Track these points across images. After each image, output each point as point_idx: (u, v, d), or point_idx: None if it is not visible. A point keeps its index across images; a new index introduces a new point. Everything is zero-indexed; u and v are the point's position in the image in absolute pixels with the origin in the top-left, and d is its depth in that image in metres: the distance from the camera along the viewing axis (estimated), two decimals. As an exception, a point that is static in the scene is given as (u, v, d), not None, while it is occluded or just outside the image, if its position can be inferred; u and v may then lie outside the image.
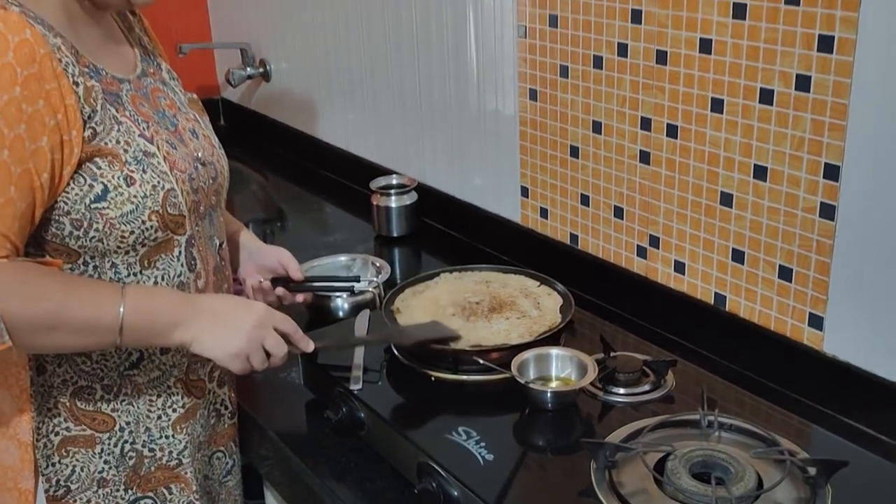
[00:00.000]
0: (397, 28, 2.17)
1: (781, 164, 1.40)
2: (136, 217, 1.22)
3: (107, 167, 1.20)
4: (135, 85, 1.30)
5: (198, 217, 1.33)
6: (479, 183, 2.05)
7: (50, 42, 1.15)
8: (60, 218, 1.19)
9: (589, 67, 1.68)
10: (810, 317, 1.42)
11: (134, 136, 1.23)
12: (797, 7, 1.31)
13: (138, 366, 1.31)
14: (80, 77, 1.18)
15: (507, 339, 1.45)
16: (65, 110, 1.15)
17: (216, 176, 1.39)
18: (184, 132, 1.34)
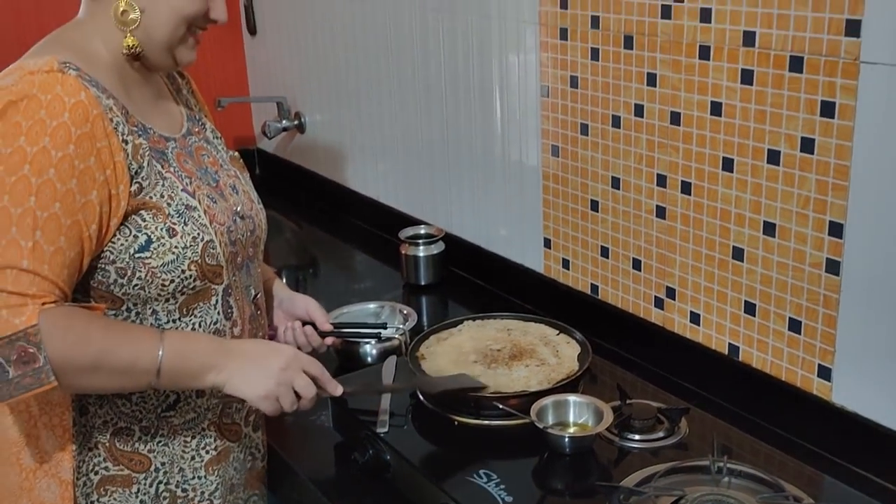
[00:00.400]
0: (426, 85, 2.27)
1: (789, 221, 1.47)
2: (176, 266, 1.30)
3: (151, 219, 1.29)
4: (180, 143, 1.40)
5: (235, 268, 1.41)
6: (504, 234, 2.13)
7: (102, 103, 1.25)
8: (106, 266, 1.27)
9: (608, 126, 1.77)
10: (819, 368, 1.48)
11: (177, 191, 1.32)
12: (800, 74, 1.39)
13: (175, 408, 1.37)
14: (129, 135, 1.27)
15: (526, 386, 1.52)
16: (114, 166, 1.24)
17: (254, 229, 1.47)
18: (224, 188, 1.43)
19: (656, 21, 1.61)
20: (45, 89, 1.20)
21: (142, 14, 1.31)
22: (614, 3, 1.68)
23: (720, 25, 1.50)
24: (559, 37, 1.82)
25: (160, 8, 1.32)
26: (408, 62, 2.32)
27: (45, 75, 1.22)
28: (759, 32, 1.44)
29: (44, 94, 1.20)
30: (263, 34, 3.03)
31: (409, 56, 2.30)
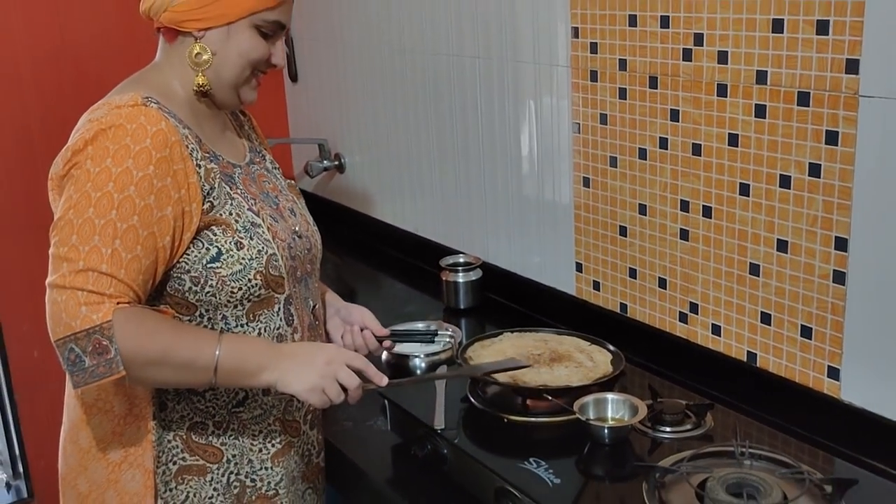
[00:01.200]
0: (464, 124, 2.47)
1: (799, 238, 1.65)
2: (243, 276, 1.46)
3: (221, 234, 1.45)
4: (245, 170, 1.57)
5: (295, 280, 1.57)
6: (538, 260, 2.31)
7: (180, 132, 1.42)
8: (182, 276, 1.44)
9: (635, 158, 1.96)
10: (829, 369, 1.65)
11: (243, 210, 1.49)
12: (807, 108, 1.58)
13: (244, 404, 1.52)
14: (203, 160, 1.45)
15: (569, 382, 1.70)
16: (188, 187, 1.41)
17: (311, 248, 1.64)
18: (284, 210, 1.60)
19: (678, 63, 1.80)
20: (131, 119, 1.38)
21: (213, 56, 1.48)
22: (640, 48, 1.88)
23: (735, 66, 1.69)
24: (589, 79, 2.02)
25: (230, 52, 1.48)
26: (446, 105, 2.52)
27: (131, 108, 1.40)
28: (770, 72, 1.63)
29: (129, 123, 1.38)
30: (305, 81, 3.24)
31: (447, 99, 2.51)
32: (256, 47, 1.49)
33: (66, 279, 1.33)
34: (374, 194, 3.00)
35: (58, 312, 1.33)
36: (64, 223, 1.36)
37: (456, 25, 2.40)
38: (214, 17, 1.46)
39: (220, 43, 1.48)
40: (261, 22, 1.48)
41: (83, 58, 2.91)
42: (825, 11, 1.52)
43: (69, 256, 1.34)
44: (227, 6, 1.46)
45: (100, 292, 1.33)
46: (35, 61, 2.84)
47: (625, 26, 1.90)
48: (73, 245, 1.34)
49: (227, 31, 1.47)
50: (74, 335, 1.32)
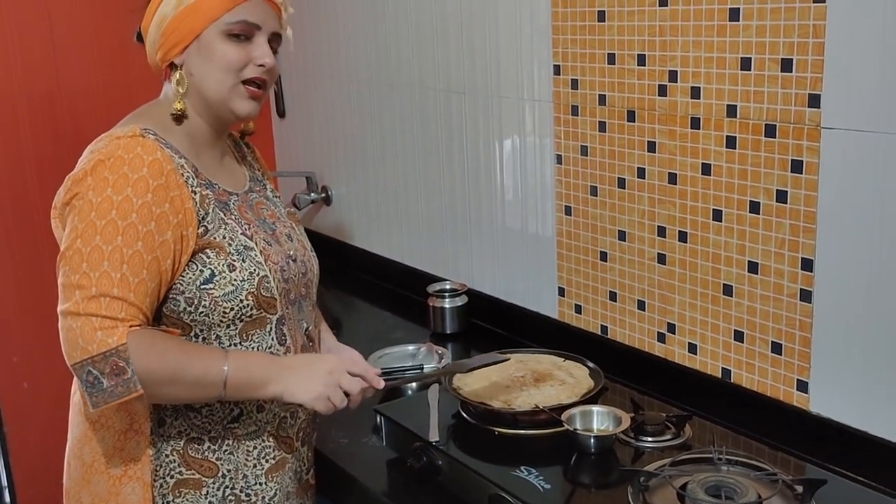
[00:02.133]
0: (450, 156, 2.58)
1: (769, 260, 1.77)
2: (235, 296, 1.52)
3: (214, 256, 1.52)
4: (242, 198, 1.64)
5: (288, 302, 1.63)
6: (522, 286, 2.42)
7: (175, 161, 1.49)
8: (177, 297, 1.50)
9: (614, 187, 2.08)
10: (798, 382, 1.76)
11: (237, 234, 1.55)
12: (774, 139, 1.71)
13: (238, 420, 1.58)
14: (198, 188, 1.52)
15: (559, 400, 1.80)
16: (184, 212, 1.48)
17: (306, 272, 1.70)
18: (280, 236, 1.67)
19: (654, 98, 1.93)
20: (128, 150, 1.46)
21: (192, 77, 1.54)
22: (618, 84, 2.01)
23: (708, 101, 1.82)
24: (570, 113, 2.14)
25: (206, 66, 1.53)
26: (432, 138, 2.63)
27: (129, 139, 1.47)
28: (740, 106, 1.76)
29: (127, 153, 1.45)
30: (292, 116, 3.35)
31: (433, 132, 2.62)
32: (228, 52, 1.52)
33: (80, 306, 1.40)
34: (361, 226, 3.10)
35: (74, 338, 1.40)
36: (73, 252, 1.43)
37: (443, 61, 2.52)
38: (185, 36, 1.52)
39: (197, 61, 1.54)
40: (228, 26, 1.52)
41: (78, 98, 2.99)
42: (789, 50, 1.65)
43: (81, 283, 1.41)
44: (191, 21, 1.51)
45: (113, 317, 1.40)
46: (31, 101, 2.92)
47: (604, 64, 2.03)
48: (84, 272, 1.41)
49: (198, 47, 1.53)
50: (92, 359, 1.39)
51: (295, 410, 1.65)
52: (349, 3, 2.89)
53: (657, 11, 1.88)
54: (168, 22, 1.54)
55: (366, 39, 2.84)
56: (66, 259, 1.44)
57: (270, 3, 1.57)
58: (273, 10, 1.58)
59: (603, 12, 2.00)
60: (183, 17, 1.52)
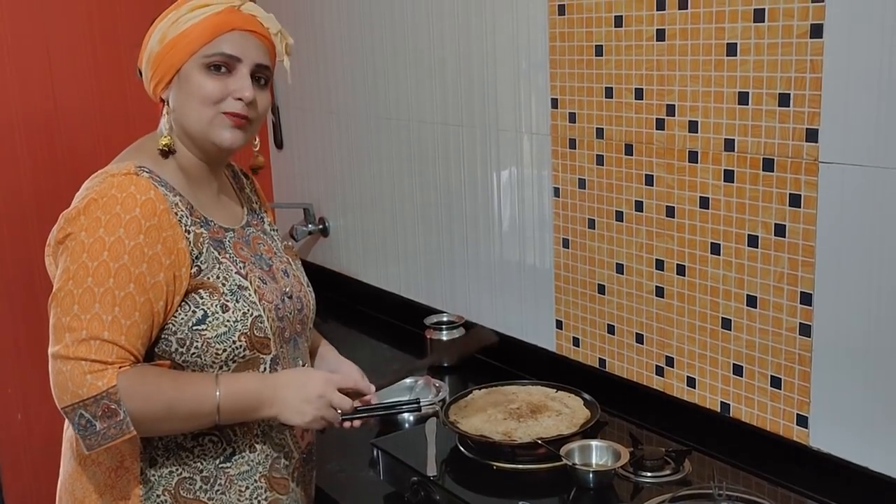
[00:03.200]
0: (447, 188, 2.58)
1: (767, 293, 1.77)
2: (227, 338, 1.50)
3: (207, 297, 1.50)
4: (238, 233, 1.62)
5: (283, 341, 1.61)
6: (519, 318, 2.41)
7: (169, 200, 1.48)
8: (169, 337, 1.49)
9: (612, 220, 2.08)
10: (798, 417, 1.75)
11: (231, 273, 1.53)
12: (772, 173, 1.71)
13: (231, 459, 1.55)
14: (192, 226, 1.50)
15: (559, 431, 1.79)
16: (177, 252, 1.46)
17: (302, 308, 1.68)
18: (276, 272, 1.64)
19: (652, 132, 1.94)
20: (121, 188, 1.44)
21: (174, 113, 1.54)
22: (616, 118, 2.02)
23: (705, 134, 1.83)
24: (568, 146, 2.15)
25: (185, 100, 1.52)
26: (430, 170, 2.63)
27: (123, 177, 1.46)
28: (738, 140, 1.77)
29: (120, 192, 1.44)
30: (290, 147, 3.36)
31: (431, 165, 2.62)
32: (204, 84, 1.51)
33: (70, 349, 1.39)
34: (359, 257, 3.10)
35: (63, 382, 1.39)
36: (64, 294, 1.42)
37: (441, 95, 2.53)
38: (167, 71, 1.53)
39: (178, 95, 1.53)
40: (206, 59, 1.51)
41: (75, 124, 3.00)
42: (786, 85, 1.66)
43: (71, 326, 1.40)
44: (172, 56, 1.52)
45: (102, 360, 1.39)
46: (28, 127, 2.93)
47: (602, 98, 2.03)
48: (74, 314, 1.40)
49: (178, 81, 1.53)
50: (83, 402, 1.38)
51: (289, 451, 1.63)
52: (348, 37, 2.91)
53: (654, 46, 1.89)
54: (154, 57, 1.54)
55: (364, 73, 2.85)
56: (58, 300, 1.43)
57: (256, 34, 1.55)
58: (260, 41, 1.56)
59: (601, 47, 2.01)
60: (166, 51, 1.52)
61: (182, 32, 1.52)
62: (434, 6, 2.49)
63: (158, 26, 1.55)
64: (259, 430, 1.57)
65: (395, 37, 2.68)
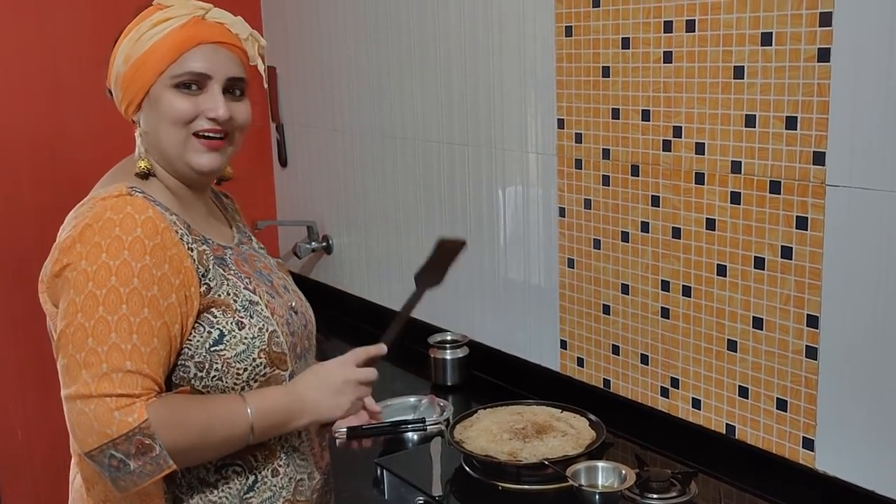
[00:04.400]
0: (452, 207, 2.59)
1: (773, 315, 1.77)
2: (247, 356, 1.43)
3: (221, 315, 1.43)
4: (235, 251, 1.55)
5: (296, 356, 1.54)
6: (523, 338, 2.41)
7: (167, 218, 1.41)
8: (186, 362, 1.41)
9: (618, 241, 2.08)
10: (803, 440, 1.75)
11: (240, 289, 1.46)
12: (778, 195, 1.72)
13: (254, 489, 1.48)
14: (194, 244, 1.43)
15: (565, 452, 1.79)
16: (184, 271, 1.39)
17: (306, 323, 1.64)
18: (278, 287, 1.60)
19: (658, 153, 1.94)
20: (117, 210, 1.36)
21: (148, 135, 1.47)
22: (622, 139, 2.02)
23: (712, 157, 1.83)
24: (574, 166, 2.16)
25: (157, 121, 1.46)
26: (434, 189, 2.64)
27: (116, 199, 1.38)
28: (744, 162, 1.77)
29: (116, 214, 1.36)
30: (294, 165, 3.36)
31: (435, 183, 2.63)
32: (175, 104, 1.45)
33: (90, 386, 1.30)
34: (362, 275, 3.10)
35: (87, 423, 1.30)
36: (74, 329, 1.33)
37: (446, 114, 2.54)
38: (136, 93, 1.46)
39: (149, 117, 1.47)
40: (176, 79, 1.45)
41: (78, 141, 3.01)
42: (794, 108, 1.67)
43: (88, 361, 1.31)
44: (140, 76, 1.45)
45: (129, 394, 1.31)
46: (31, 143, 2.94)
47: (608, 118, 2.04)
48: (90, 348, 1.31)
49: (149, 103, 1.46)
50: (113, 441, 1.30)
51: (311, 472, 1.58)
52: (354, 55, 2.91)
53: (661, 68, 1.90)
54: (121, 78, 1.48)
55: (370, 92, 2.86)
56: (67, 337, 1.33)
57: (225, 45, 1.49)
58: (230, 51, 1.49)
59: (607, 68, 2.02)
60: (133, 72, 1.46)
61: (147, 51, 1.45)
62: (441, 25, 2.51)
63: (122, 45, 1.48)
64: (282, 453, 1.52)
65: (402, 55, 2.69)
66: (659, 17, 1.89)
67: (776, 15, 1.67)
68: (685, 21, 1.84)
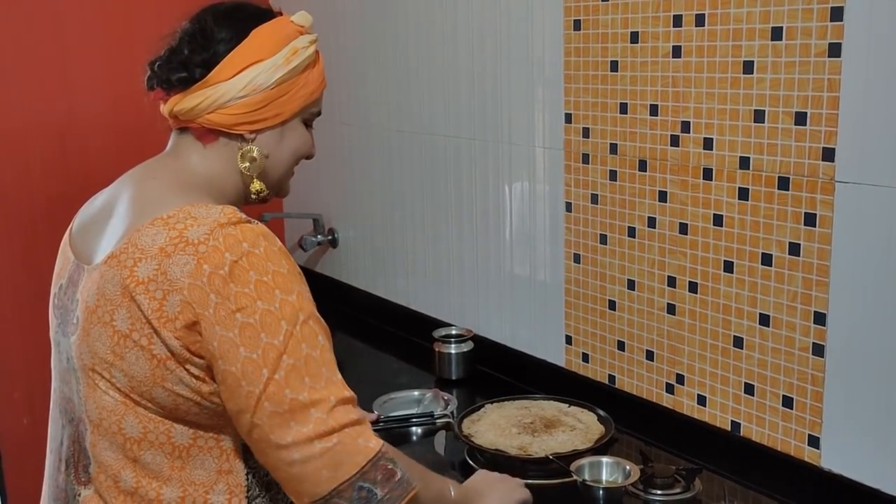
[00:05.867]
0: (458, 201, 2.58)
1: (780, 312, 1.76)
2: None
3: None
4: None
5: None
6: (528, 333, 2.41)
7: None
8: None
9: (624, 236, 2.08)
10: (809, 437, 1.74)
11: None
12: (787, 191, 1.71)
13: None
14: None
15: (574, 446, 1.79)
16: None
17: None
18: None
19: (667, 148, 1.94)
20: (254, 242, 1.25)
21: (266, 159, 1.42)
22: (630, 134, 2.01)
23: (720, 152, 1.82)
24: (581, 161, 2.15)
25: (283, 151, 1.43)
26: (441, 183, 2.64)
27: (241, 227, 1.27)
28: (753, 158, 1.76)
29: (255, 247, 1.25)
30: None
31: (441, 177, 2.63)
32: (306, 141, 1.48)
33: (328, 422, 1.23)
34: (367, 269, 3.09)
35: (335, 458, 1.23)
36: (287, 371, 1.23)
37: (453, 108, 2.53)
38: (270, 118, 1.41)
39: (274, 143, 1.43)
40: (309, 115, 1.48)
41: (88, 133, 3.01)
42: (803, 104, 1.66)
43: (314, 399, 1.23)
44: (281, 105, 1.41)
45: (360, 421, 1.26)
46: (42, 134, 2.94)
47: (616, 113, 2.03)
48: (310, 387, 1.24)
49: (280, 131, 1.43)
50: (361, 471, 1.24)
51: None
52: (360, 50, 2.91)
53: (670, 62, 1.89)
54: (261, 93, 1.39)
55: (377, 85, 2.85)
56: (279, 383, 1.23)
57: None
58: None
59: (616, 62, 2.01)
60: (278, 94, 1.40)
61: (299, 78, 1.43)
62: (448, 19, 2.50)
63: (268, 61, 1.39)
64: None
65: (409, 49, 2.68)
66: (668, 10, 1.88)
67: (786, 9, 1.66)
68: (695, 15, 1.83)
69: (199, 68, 1.38)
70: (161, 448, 1.31)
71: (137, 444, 1.31)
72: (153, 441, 1.31)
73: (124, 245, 1.29)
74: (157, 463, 1.31)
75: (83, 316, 1.32)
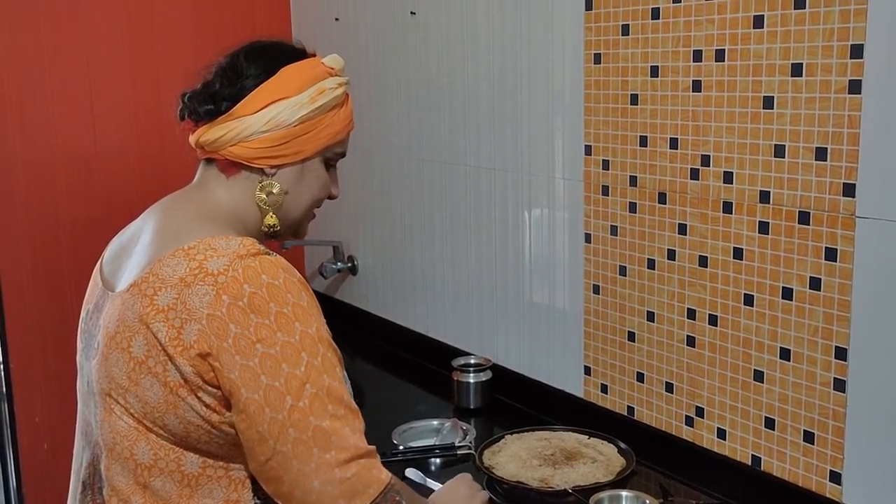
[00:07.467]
0: (478, 231, 2.59)
1: (801, 347, 1.75)
2: None
3: None
4: None
5: None
6: (547, 363, 2.41)
7: None
8: None
9: (644, 268, 2.08)
10: (831, 473, 1.73)
11: None
12: (808, 226, 1.71)
13: None
14: None
15: (597, 479, 1.79)
16: None
17: None
18: None
19: (686, 181, 1.94)
20: (273, 274, 1.27)
21: (285, 196, 1.43)
22: (650, 166, 2.02)
23: (740, 186, 1.83)
24: (601, 193, 2.16)
25: (302, 189, 1.45)
26: (461, 212, 2.65)
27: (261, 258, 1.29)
28: (773, 192, 1.76)
29: (274, 279, 1.27)
30: (321, 186, 3.38)
31: (462, 207, 2.64)
32: (327, 182, 1.48)
33: (348, 450, 1.26)
34: (387, 296, 3.10)
35: (352, 487, 1.26)
36: (310, 400, 1.25)
37: (474, 139, 2.54)
38: (291, 155, 1.41)
39: (294, 180, 1.44)
40: (331, 155, 1.48)
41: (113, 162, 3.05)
42: (823, 139, 1.66)
43: (334, 427, 1.26)
44: (304, 143, 1.42)
45: (373, 452, 1.30)
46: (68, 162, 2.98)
47: (636, 146, 2.04)
48: (331, 415, 1.26)
49: (301, 169, 1.44)
50: (373, 502, 1.27)
51: None
52: (382, 80, 2.93)
53: (690, 97, 1.90)
54: (283, 129, 1.40)
55: (398, 115, 2.88)
56: (304, 411, 1.25)
57: None
58: None
59: (636, 95, 2.02)
60: (301, 132, 1.42)
61: (324, 118, 1.45)
62: (469, 50, 2.52)
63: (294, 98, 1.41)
64: None
65: (430, 79, 2.70)
66: (689, 46, 1.89)
67: (807, 46, 1.67)
68: (714, 50, 1.84)
69: (226, 101, 1.41)
70: (171, 476, 1.32)
71: (148, 471, 1.32)
72: (163, 468, 1.32)
73: (146, 274, 1.31)
74: (167, 490, 1.33)
75: (104, 341, 1.35)
